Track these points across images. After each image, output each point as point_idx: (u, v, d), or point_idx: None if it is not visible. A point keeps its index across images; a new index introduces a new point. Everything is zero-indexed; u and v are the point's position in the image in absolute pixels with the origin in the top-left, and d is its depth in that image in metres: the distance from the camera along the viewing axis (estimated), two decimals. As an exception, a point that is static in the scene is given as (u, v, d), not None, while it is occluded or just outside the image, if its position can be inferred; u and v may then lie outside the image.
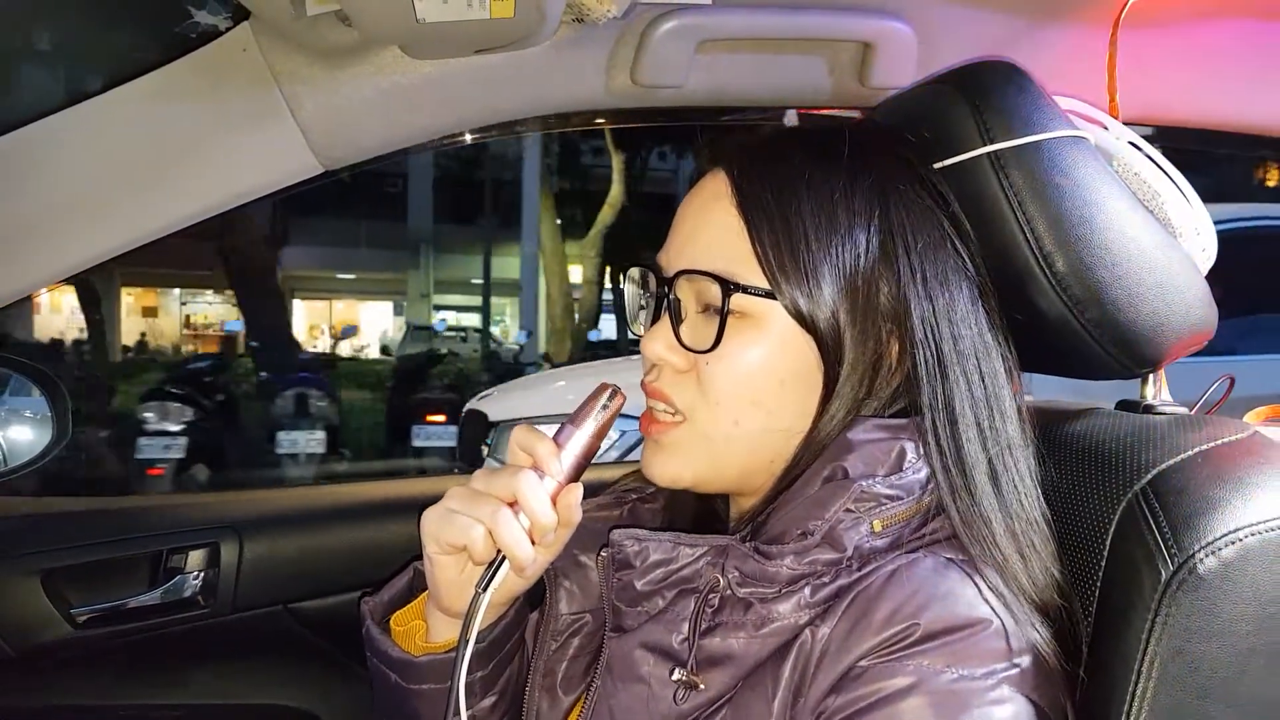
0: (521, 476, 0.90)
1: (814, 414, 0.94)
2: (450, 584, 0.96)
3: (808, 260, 0.91)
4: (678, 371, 0.97)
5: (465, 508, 0.91)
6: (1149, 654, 0.85)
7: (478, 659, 1.00)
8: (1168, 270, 1.00)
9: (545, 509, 0.90)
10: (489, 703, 1.06)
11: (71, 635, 1.62)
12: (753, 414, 0.94)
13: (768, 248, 0.92)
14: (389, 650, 1.02)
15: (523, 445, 0.94)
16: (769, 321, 0.93)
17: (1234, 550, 0.85)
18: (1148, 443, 0.96)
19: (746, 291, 0.92)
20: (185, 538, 1.70)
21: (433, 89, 1.32)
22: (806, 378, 0.94)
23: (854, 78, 1.43)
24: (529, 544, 0.90)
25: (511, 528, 0.89)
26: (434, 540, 0.93)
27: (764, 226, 0.93)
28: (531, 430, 0.94)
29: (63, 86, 1.26)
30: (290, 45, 1.25)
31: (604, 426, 0.95)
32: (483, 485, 0.92)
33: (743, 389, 0.94)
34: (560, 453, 0.92)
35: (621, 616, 0.96)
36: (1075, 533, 0.96)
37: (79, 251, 1.28)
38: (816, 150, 0.97)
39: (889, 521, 0.89)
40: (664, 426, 0.98)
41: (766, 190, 0.94)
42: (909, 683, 0.80)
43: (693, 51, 1.35)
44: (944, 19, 1.41)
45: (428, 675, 1.00)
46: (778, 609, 0.88)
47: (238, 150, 1.30)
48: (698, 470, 0.97)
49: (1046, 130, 0.99)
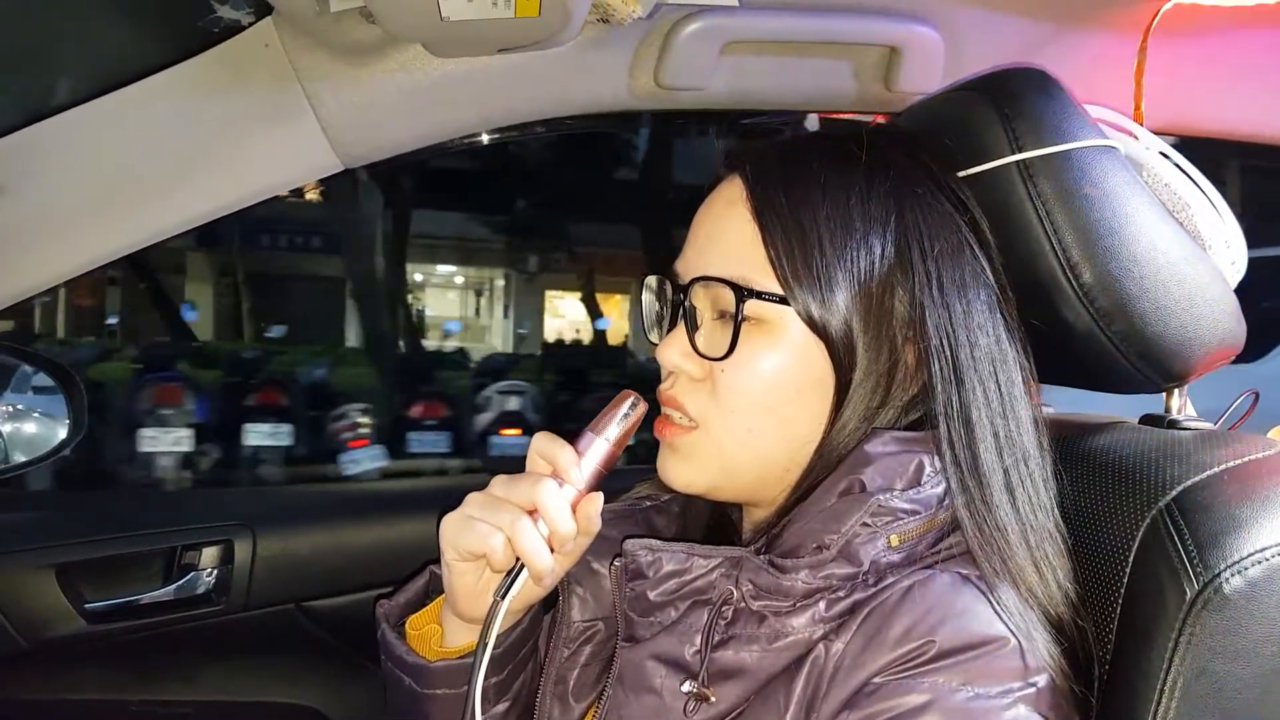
0: (542, 485, 0.90)
1: (827, 422, 0.93)
2: (468, 590, 0.96)
3: (821, 266, 0.90)
4: (693, 380, 0.96)
5: (485, 515, 0.91)
6: (1172, 673, 0.84)
7: (493, 665, 1.00)
8: (1196, 283, 0.99)
9: (565, 518, 0.90)
10: (502, 708, 1.05)
11: (84, 629, 1.63)
12: (767, 421, 0.93)
13: (781, 253, 0.91)
14: (404, 655, 1.02)
15: (543, 453, 0.94)
16: (784, 328, 0.92)
17: (1260, 570, 0.84)
18: (1172, 459, 0.95)
19: (760, 297, 0.91)
20: (199, 534, 1.70)
21: (455, 88, 1.32)
22: (820, 385, 0.93)
23: (879, 82, 1.42)
24: (548, 553, 0.90)
25: (531, 537, 0.89)
26: (453, 547, 0.93)
27: (778, 232, 0.92)
28: (552, 438, 0.94)
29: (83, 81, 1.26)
30: (313, 41, 1.24)
31: (625, 435, 0.94)
32: (502, 492, 0.92)
33: (758, 396, 0.93)
34: (580, 461, 0.92)
35: (634, 627, 0.96)
36: (1097, 548, 0.95)
37: (99, 246, 1.28)
38: (832, 155, 0.96)
39: (906, 536, 0.88)
40: (678, 430, 0.97)
41: (781, 195, 0.93)
42: (924, 700, 0.79)
43: (717, 54, 1.34)
44: (971, 24, 1.39)
45: (442, 681, 1.00)
46: (792, 623, 0.87)
47: (258, 146, 1.30)
48: (711, 477, 0.97)
49: (1076, 139, 0.97)
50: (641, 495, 1.13)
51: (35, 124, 1.23)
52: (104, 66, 1.29)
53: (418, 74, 1.29)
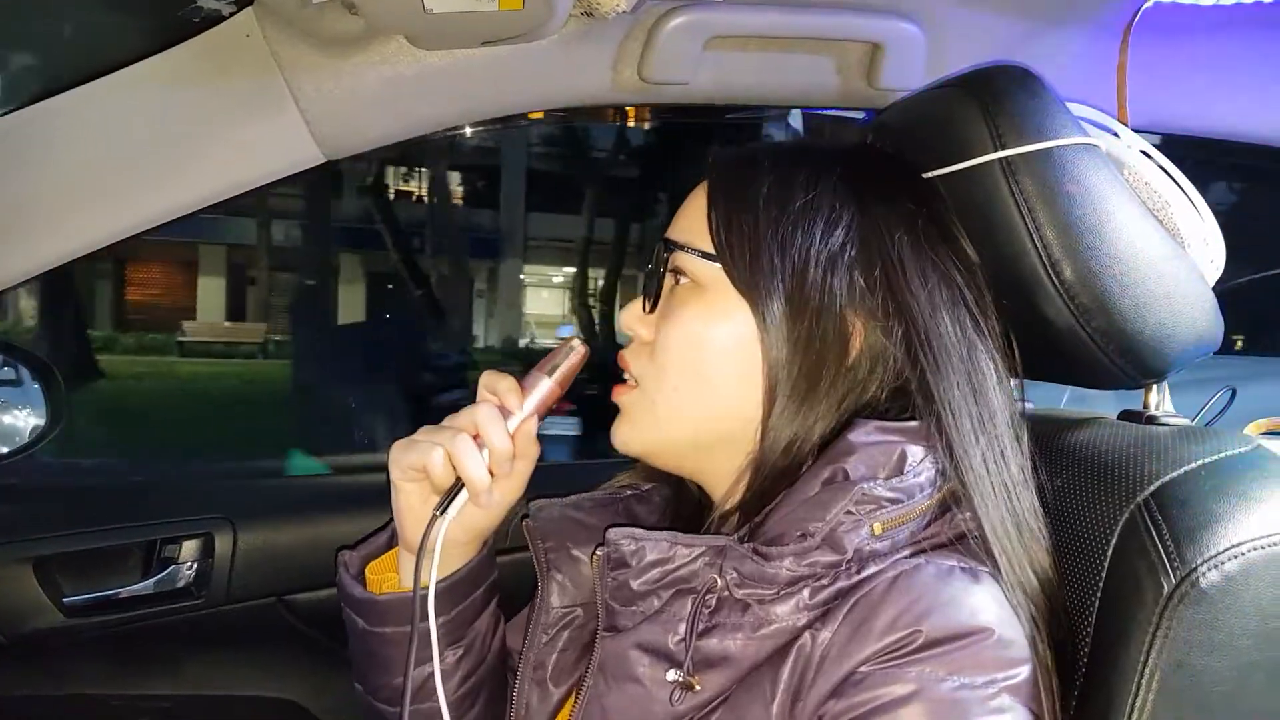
0: (481, 408, 0.99)
1: (765, 402, 0.96)
2: (412, 512, 1.02)
3: (753, 232, 0.95)
4: (643, 342, 1.02)
5: (427, 435, 1.00)
6: (1149, 667, 0.85)
7: (439, 600, 1.03)
8: (1175, 281, 1.00)
9: (502, 437, 0.98)
10: (454, 656, 1.08)
11: (63, 624, 1.62)
12: (695, 385, 0.97)
13: (718, 219, 0.98)
14: (354, 591, 1.07)
15: (487, 385, 1.02)
16: (717, 293, 0.96)
17: (1237, 564, 0.85)
18: (1150, 454, 0.96)
19: (687, 251, 0.98)
20: (179, 527, 1.69)
21: (437, 80, 1.31)
22: (750, 358, 0.96)
23: (862, 78, 1.42)
24: (485, 470, 0.98)
25: (469, 452, 0.97)
26: (397, 465, 1.01)
27: (720, 201, 0.98)
28: (498, 374, 1.02)
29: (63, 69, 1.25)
30: (294, 32, 1.24)
31: (566, 375, 1.03)
32: (448, 420, 1.00)
33: (686, 356, 0.97)
34: (523, 394, 1.01)
35: (616, 616, 0.96)
36: (1076, 542, 0.96)
37: (78, 236, 1.27)
38: (792, 145, 1.04)
39: (889, 524, 0.88)
40: (622, 389, 1.03)
41: (732, 172, 1.00)
42: (910, 690, 0.80)
43: (700, 48, 1.34)
44: (954, 21, 1.40)
45: (390, 616, 1.04)
46: (776, 611, 0.87)
47: (239, 137, 1.29)
48: (646, 438, 1.02)
49: (1059, 137, 0.98)
50: (622, 484, 1.15)
51: (14, 112, 1.22)
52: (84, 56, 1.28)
53: (400, 66, 1.29)
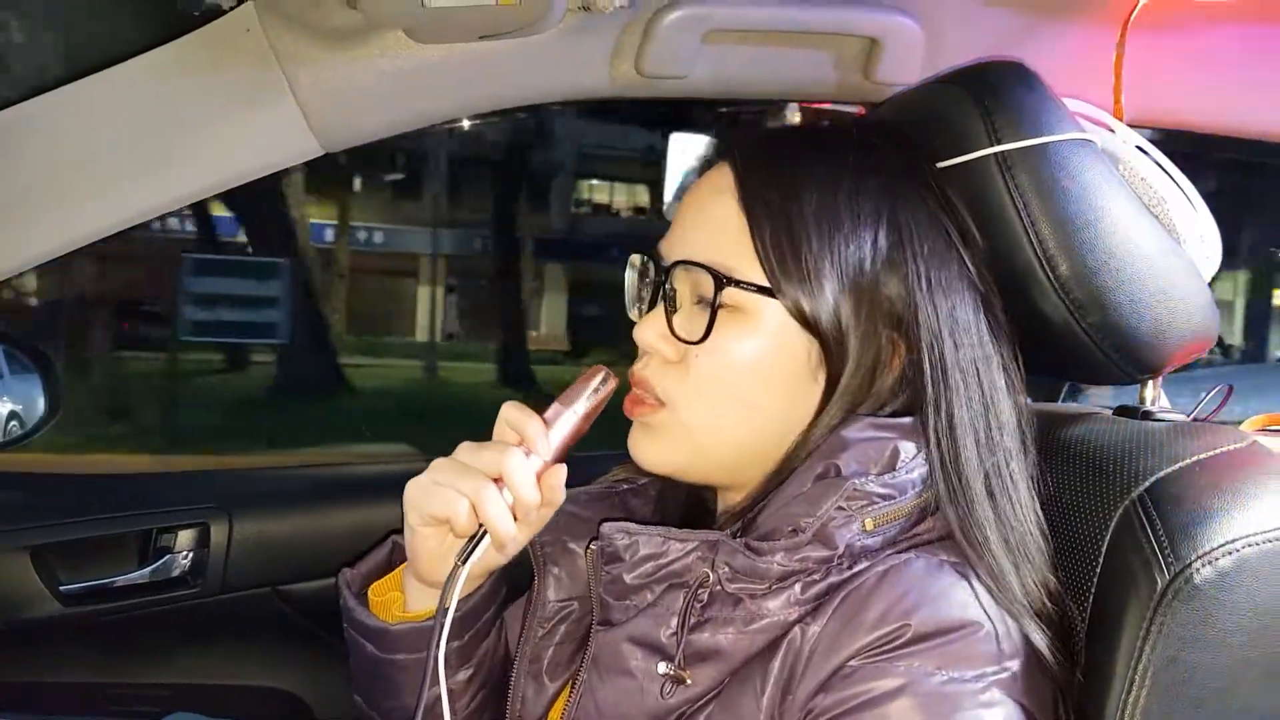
0: (509, 454, 0.91)
1: (811, 414, 0.94)
2: (430, 555, 0.97)
3: (809, 260, 0.91)
4: (666, 361, 0.97)
5: (451, 481, 0.92)
6: (1143, 662, 0.85)
7: (453, 629, 1.00)
8: (1170, 277, 1.00)
9: (530, 488, 0.91)
10: (464, 675, 1.06)
11: (59, 612, 1.62)
12: (734, 408, 0.95)
13: (769, 245, 0.92)
14: (365, 619, 1.03)
15: (511, 422, 0.95)
16: (762, 318, 0.93)
17: (1231, 561, 0.85)
18: (1146, 449, 0.96)
19: (739, 286, 0.92)
20: (175, 516, 1.69)
21: (435, 74, 1.31)
22: (799, 377, 0.94)
23: (859, 73, 1.42)
24: (511, 521, 0.91)
25: (496, 505, 0.90)
26: (417, 511, 0.95)
27: (765, 224, 0.93)
28: (521, 407, 0.95)
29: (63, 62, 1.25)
30: (293, 26, 1.23)
31: (593, 410, 0.96)
32: (468, 458, 0.93)
33: (728, 383, 0.94)
34: (548, 432, 0.93)
35: (609, 610, 0.96)
36: (1071, 537, 0.96)
37: (76, 228, 1.27)
38: (823, 148, 0.97)
39: (881, 520, 0.89)
40: (647, 408, 0.98)
41: (770, 187, 0.94)
42: (899, 684, 0.80)
43: (698, 42, 1.33)
44: (951, 15, 1.40)
45: (403, 645, 1.01)
46: (767, 605, 0.88)
47: (237, 130, 1.29)
48: (681, 458, 0.98)
49: (1055, 132, 0.98)
50: (618, 478, 1.13)
51: (14, 106, 1.22)
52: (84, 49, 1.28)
53: (398, 59, 1.28)
